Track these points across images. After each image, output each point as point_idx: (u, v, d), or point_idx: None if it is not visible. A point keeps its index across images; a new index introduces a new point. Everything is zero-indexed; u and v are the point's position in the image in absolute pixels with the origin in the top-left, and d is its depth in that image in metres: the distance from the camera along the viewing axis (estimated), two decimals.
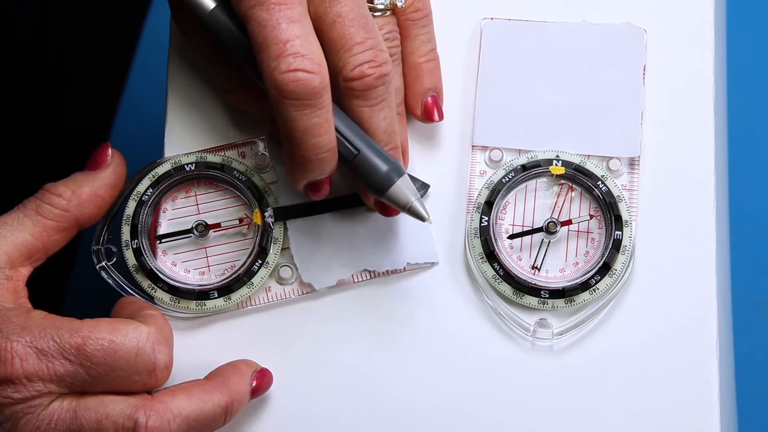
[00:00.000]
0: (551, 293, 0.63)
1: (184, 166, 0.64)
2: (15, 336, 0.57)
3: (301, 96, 0.57)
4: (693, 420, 0.62)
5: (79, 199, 0.62)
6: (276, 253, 0.64)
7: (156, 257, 0.64)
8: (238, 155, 0.65)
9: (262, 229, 0.64)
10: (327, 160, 0.59)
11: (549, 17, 0.66)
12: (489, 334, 0.64)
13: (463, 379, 0.63)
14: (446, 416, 0.63)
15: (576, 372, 0.63)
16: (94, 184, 0.63)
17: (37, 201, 0.62)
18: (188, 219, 0.65)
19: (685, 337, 0.63)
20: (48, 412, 0.57)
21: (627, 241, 0.63)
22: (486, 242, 0.64)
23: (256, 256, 0.63)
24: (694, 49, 0.66)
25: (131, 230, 0.64)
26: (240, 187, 0.64)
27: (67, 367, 0.57)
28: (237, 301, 0.64)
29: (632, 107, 0.65)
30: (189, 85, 0.67)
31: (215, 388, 0.60)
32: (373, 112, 0.60)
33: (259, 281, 0.64)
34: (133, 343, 0.58)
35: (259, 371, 0.62)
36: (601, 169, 0.64)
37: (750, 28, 1.29)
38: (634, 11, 0.66)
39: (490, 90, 0.66)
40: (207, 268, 0.64)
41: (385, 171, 0.60)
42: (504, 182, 0.64)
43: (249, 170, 0.65)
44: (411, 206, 0.60)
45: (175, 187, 0.65)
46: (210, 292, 0.63)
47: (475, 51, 0.67)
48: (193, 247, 0.65)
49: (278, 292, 0.64)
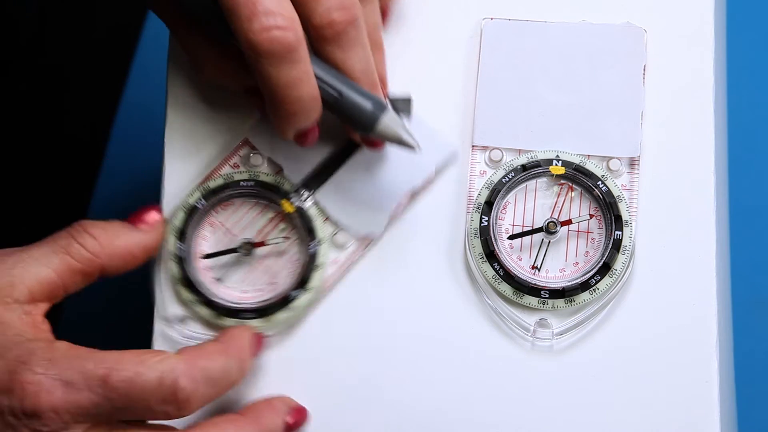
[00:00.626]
0: (551, 293, 0.63)
1: (196, 206, 0.64)
2: (40, 369, 0.56)
3: (278, 53, 0.57)
4: (693, 420, 0.62)
5: (112, 250, 0.61)
6: (320, 227, 0.64)
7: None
8: (233, 168, 0.65)
9: (298, 214, 0.64)
10: (312, 110, 0.60)
11: (549, 17, 0.66)
12: (489, 334, 0.64)
13: (463, 379, 0.63)
14: (446, 416, 0.63)
15: (576, 372, 0.63)
16: (130, 240, 0.62)
17: (69, 239, 0.60)
18: (228, 240, 0.65)
19: (685, 337, 0.63)
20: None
21: (627, 241, 0.63)
22: (486, 242, 0.64)
23: (309, 239, 0.64)
24: (694, 49, 0.66)
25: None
26: (254, 193, 0.65)
27: (93, 398, 0.56)
28: (320, 285, 0.64)
29: (632, 107, 0.65)
30: (189, 86, 0.67)
31: (249, 424, 0.60)
32: (347, 55, 0.60)
33: (324, 258, 0.64)
34: (156, 374, 0.56)
35: (296, 409, 0.62)
36: (601, 169, 0.64)
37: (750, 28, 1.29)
38: (634, 11, 0.66)
39: (490, 90, 0.66)
40: (270, 284, 0.65)
41: (370, 109, 0.61)
42: (504, 182, 0.64)
43: (252, 174, 0.65)
44: (400, 138, 0.61)
45: (198, 225, 0.65)
46: (289, 294, 0.64)
47: (475, 51, 0.67)
48: (242, 265, 0.65)
49: (344, 258, 0.65)
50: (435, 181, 0.65)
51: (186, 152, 0.66)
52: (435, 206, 0.65)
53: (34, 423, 0.55)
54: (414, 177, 0.65)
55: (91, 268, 0.60)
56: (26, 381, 0.55)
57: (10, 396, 0.55)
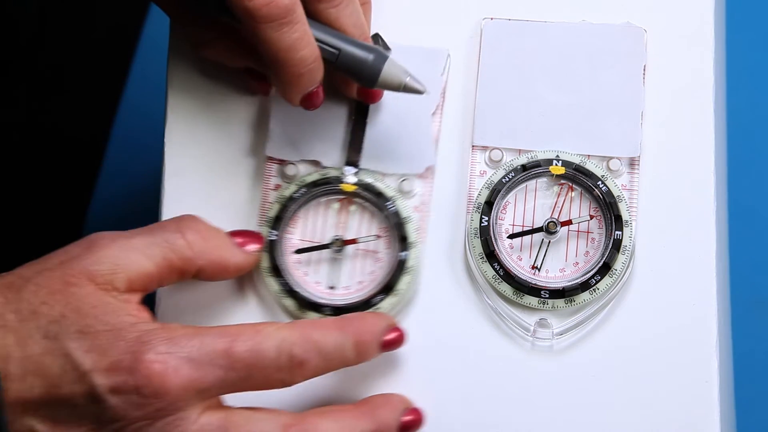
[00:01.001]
0: (551, 293, 0.63)
1: (271, 240, 0.64)
2: (163, 348, 0.56)
3: (276, 17, 0.59)
4: (693, 420, 0.62)
5: (213, 258, 0.61)
6: (388, 186, 0.65)
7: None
8: (275, 189, 0.65)
9: (363, 187, 0.64)
10: (315, 70, 0.61)
11: (549, 17, 0.66)
12: (489, 334, 0.64)
13: (463, 379, 0.63)
14: (446, 416, 0.63)
15: (576, 372, 0.63)
16: (230, 257, 0.62)
17: (176, 234, 0.60)
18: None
19: (685, 337, 0.63)
20: (197, 427, 0.56)
21: (627, 241, 0.63)
22: (486, 242, 0.64)
23: (389, 205, 0.64)
24: (694, 49, 0.66)
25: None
26: (313, 195, 0.65)
27: (217, 373, 0.56)
28: (406, 290, 0.64)
29: (632, 107, 0.65)
30: (189, 86, 0.67)
31: (363, 416, 0.60)
32: (339, 11, 0.62)
33: (414, 262, 0.64)
34: (275, 342, 0.57)
35: (413, 409, 0.62)
36: (601, 169, 0.64)
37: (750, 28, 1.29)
38: (634, 11, 0.66)
39: (490, 90, 0.66)
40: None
41: (371, 60, 0.62)
42: (504, 182, 0.64)
43: (299, 182, 0.65)
44: (405, 84, 0.62)
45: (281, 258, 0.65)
46: (372, 298, 0.64)
47: (475, 51, 0.67)
48: (333, 262, 0.65)
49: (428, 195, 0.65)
50: (435, 182, 0.65)
51: (186, 152, 0.66)
52: (435, 206, 0.65)
53: (160, 402, 0.56)
54: (430, 98, 0.65)
55: (189, 268, 0.60)
56: (151, 360, 0.56)
57: (135, 376, 0.55)
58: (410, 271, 0.64)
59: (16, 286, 0.57)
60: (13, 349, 0.56)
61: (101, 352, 0.56)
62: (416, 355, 0.64)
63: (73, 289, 0.57)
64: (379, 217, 0.65)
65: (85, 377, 0.55)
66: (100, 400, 0.55)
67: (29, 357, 0.55)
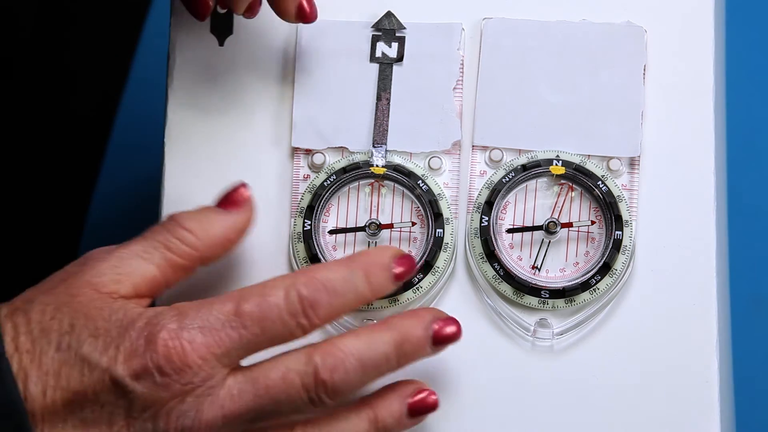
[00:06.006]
0: (551, 293, 0.63)
1: (304, 231, 0.65)
2: (173, 324, 0.56)
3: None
4: (693, 420, 0.62)
5: (210, 241, 0.60)
6: (417, 165, 0.65)
7: None
8: (305, 180, 0.65)
9: (393, 168, 0.64)
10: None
11: (549, 17, 0.66)
12: (489, 334, 0.64)
13: (463, 379, 0.63)
14: (445, 416, 0.63)
15: (576, 372, 0.63)
16: (225, 225, 0.61)
17: (167, 234, 0.60)
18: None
19: (685, 337, 0.63)
20: (226, 389, 0.57)
21: (627, 241, 0.63)
22: (486, 242, 0.64)
23: (433, 216, 0.64)
24: (694, 49, 0.66)
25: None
26: (344, 181, 0.65)
27: (231, 334, 0.57)
28: (444, 267, 0.64)
29: (632, 107, 0.65)
30: (189, 86, 0.67)
31: (383, 328, 0.59)
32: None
33: (451, 238, 0.64)
34: (281, 290, 0.57)
35: (444, 319, 0.60)
36: (601, 169, 0.64)
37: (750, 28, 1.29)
38: (634, 11, 0.66)
39: (490, 90, 0.66)
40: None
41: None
42: (504, 182, 0.64)
43: (328, 170, 0.65)
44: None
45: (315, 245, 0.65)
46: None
47: (475, 51, 0.67)
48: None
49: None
50: None
51: (186, 152, 0.66)
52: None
53: (184, 377, 0.56)
54: (449, 71, 0.65)
55: (191, 262, 0.60)
56: (165, 338, 0.56)
57: (153, 357, 0.56)
58: (447, 248, 0.63)
59: (23, 310, 0.58)
60: (30, 368, 0.56)
61: (115, 346, 0.56)
62: None
63: (79, 299, 0.57)
64: (409, 197, 0.65)
65: (105, 373, 0.56)
66: (126, 390, 0.56)
67: (47, 372, 0.56)
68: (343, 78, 0.66)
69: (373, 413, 0.60)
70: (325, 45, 0.66)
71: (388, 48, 0.66)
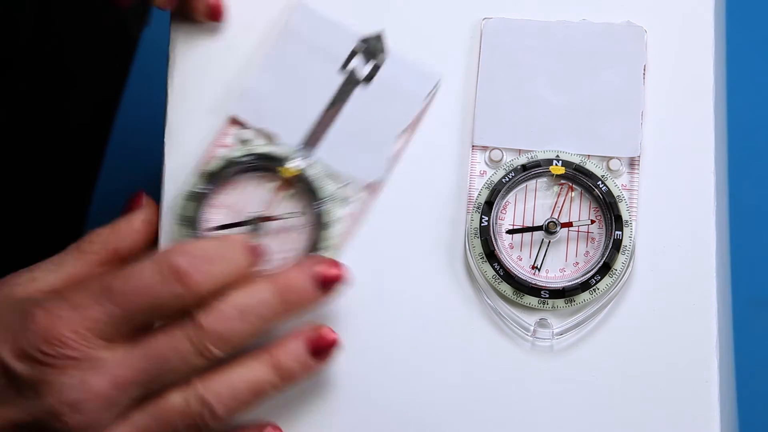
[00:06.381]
0: (551, 293, 0.63)
1: (197, 192, 0.65)
2: (49, 304, 0.58)
3: None
4: (693, 420, 0.62)
5: (117, 233, 0.64)
6: (323, 188, 0.65)
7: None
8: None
9: (300, 177, 0.64)
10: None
11: (549, 17, 0.66)
12: (489, 334, 0.64)
13: (463, 379, 0.63)
14: (446, 416, 0.63)
15: (576, 372, 0.63)
16: (130, 219, 0.64)
17: (78, 241, 0.63)
18: None
19: (685, 337, 0.63)
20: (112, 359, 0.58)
21: (627, 241, 0.63)
22: (486, 242, 0.64)
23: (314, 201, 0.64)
24: (694, 49, 0.66)
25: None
26: (256, 166, 0.65)
27: (102, 309, 0.58)
28: (332, 242, 0.64)
29: (632, 107, 0.65)
30: (189, 85, 0.67)
31: (265, 278, 0.60)
32: None
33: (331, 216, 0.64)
34: (149, 262, 0.59)
35: (326, 261, 0.61)
36: (601, 169, 0.64)
37: (750, 28, 1.29)
38: (634, 11, 0.66)
39: (490, 90, 0.66)
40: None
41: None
42: (504, 182, 0.64)
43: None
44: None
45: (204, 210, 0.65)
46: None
47: (475, 51, 0.67)
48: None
49: (352, 210, 0.65)
50: (435, 182, 0.65)
51: (186, 152, 0.66)
52: (435, 206, 0.65)
53: (61, 351, 0.57)
54: (405, 114, 0.65)
55: (106, 255, 0.63)
56: (38, 315, 0.58)
57: (30, 335, 0.58)
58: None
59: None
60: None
61: (5, 331, 0.58)
62: (415, 355, 0.64)
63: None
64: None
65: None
66: (12, 371, 0.58)
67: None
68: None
69: (271, 357, 0.60)
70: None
71: (363, 65, 0.66)
